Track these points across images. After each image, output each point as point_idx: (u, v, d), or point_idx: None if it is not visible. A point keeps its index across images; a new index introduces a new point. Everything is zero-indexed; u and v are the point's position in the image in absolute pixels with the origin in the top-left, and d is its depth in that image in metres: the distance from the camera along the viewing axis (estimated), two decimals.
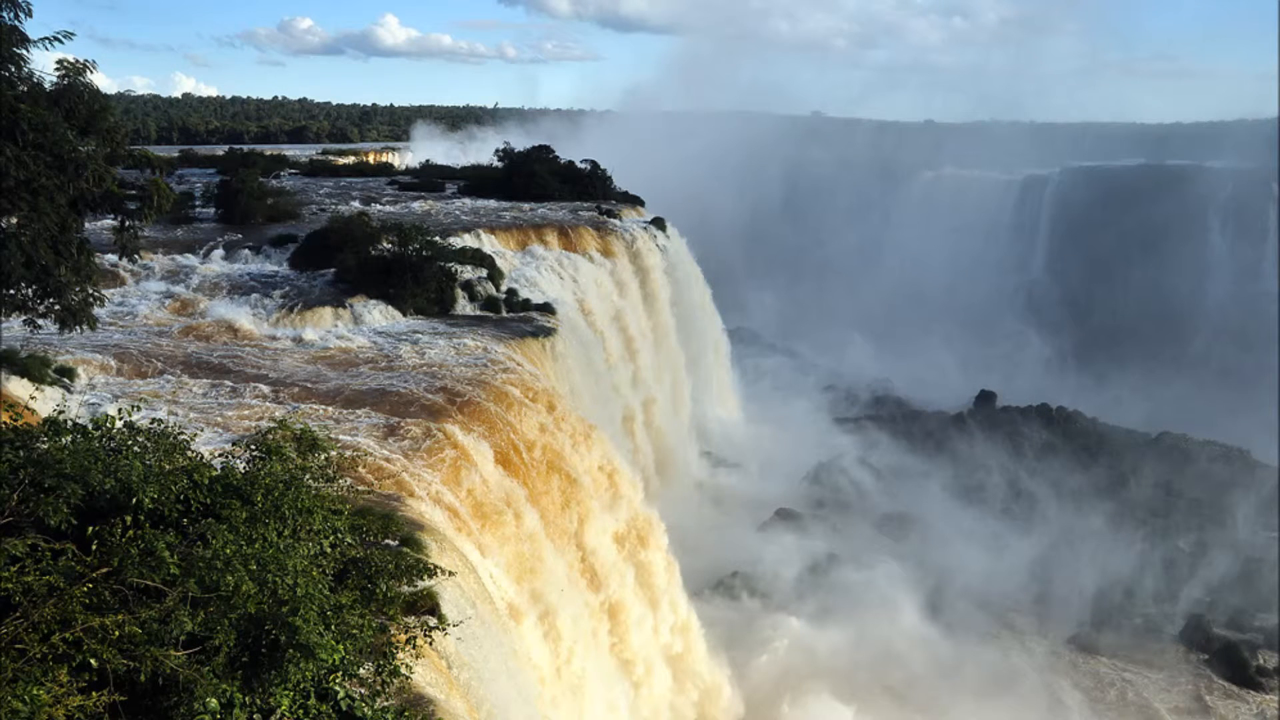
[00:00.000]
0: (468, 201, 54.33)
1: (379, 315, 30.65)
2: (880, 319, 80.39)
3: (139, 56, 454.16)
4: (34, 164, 12.11)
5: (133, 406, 10.70)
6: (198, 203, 45.68)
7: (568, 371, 31.83)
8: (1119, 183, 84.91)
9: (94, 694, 6.83)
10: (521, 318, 33.17)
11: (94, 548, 7.83)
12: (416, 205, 50.83)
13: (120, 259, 16.87)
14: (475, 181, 60.61)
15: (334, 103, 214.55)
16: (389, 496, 16.70)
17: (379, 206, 48.66)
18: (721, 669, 30.49)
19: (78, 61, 13.45)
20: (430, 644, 10.84)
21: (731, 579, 37.78)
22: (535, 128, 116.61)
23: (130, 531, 7.98)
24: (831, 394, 65.68)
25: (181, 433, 10.29)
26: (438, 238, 36.01)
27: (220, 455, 12.61)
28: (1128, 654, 37.50)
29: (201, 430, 18.47)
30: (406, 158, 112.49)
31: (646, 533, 27.34)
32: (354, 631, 8.71)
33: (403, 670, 9.45)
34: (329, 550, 9.89)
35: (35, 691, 6.40)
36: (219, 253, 36.34)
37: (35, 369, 19.70)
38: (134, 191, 14.41)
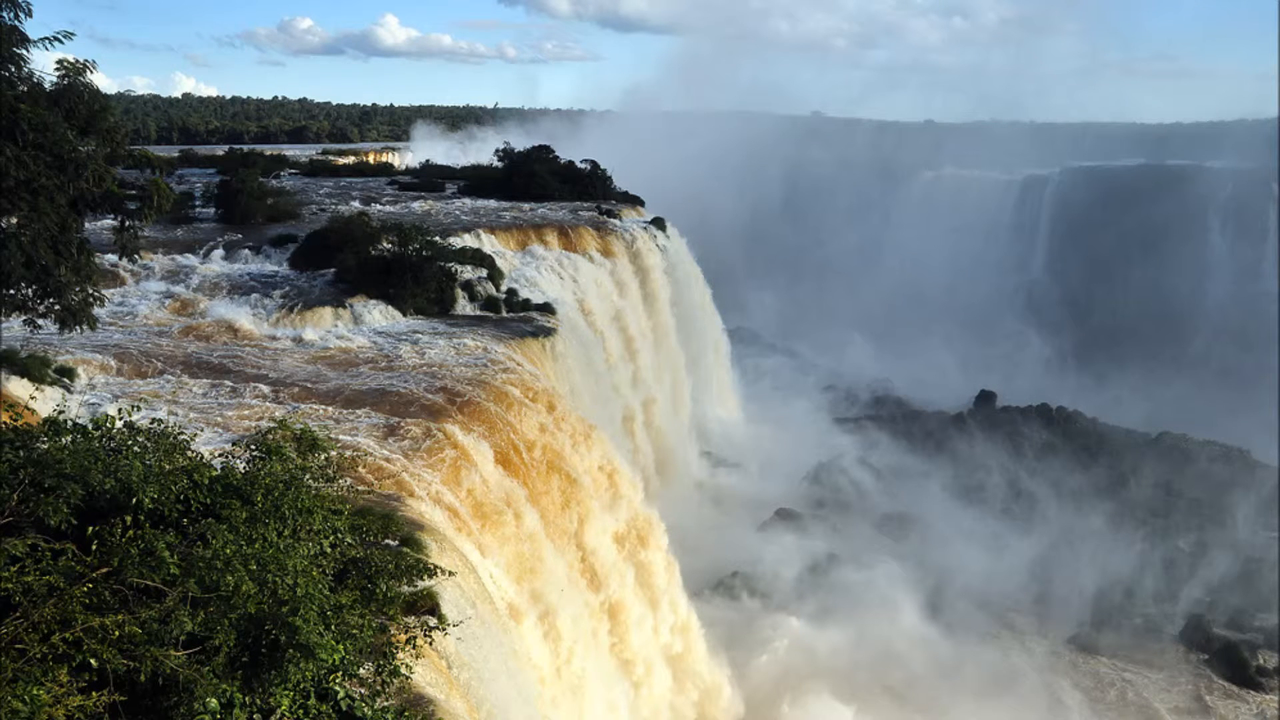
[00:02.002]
0: (468, 201, 54.33)
1: (379, 315, 30.65)
2: (880, 319, 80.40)
3: (139, 56, 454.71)
4: (34, 164, 12.10)
5: (133, 406, 10.70)
6: (198, 203, 45.68)
7: (568, 371, 31.84)
8: (1119, 183, 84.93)
9: (94, 694, 6.83)
10: (521, 318, 33.17)
11: (94, 548, 7.83)
12: (416, 205, 50.83)
13: (120, 259, 16.85)
14: (475, 181, 60.62)
15: (334, 103, 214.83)
16: (389, 496, 16.70)
17: (379, 206, 48.65)
18: (721, 669, 30.48)
19: (78, 61, 13.44)
20: (430, 644, 10.84)
21: (731, 579, 37.78)
22: (535, 128, 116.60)
23: (130, 531, 7.98)
24: (831, 394, 65.69)
25: (181, 433, 10.29)
26: (438, 238, 36.01)
27: (220, 455, 12.61)
28: (1128, 654, 37.50)
29: (201, 430, 18.48)
30: (406, 158, 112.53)
31: (646, 533, 27.34)
32: (354, 631, 8.72)
33: (403, 670, 9.45)
34: (329, 550, 9.89)
35: (35, 691, 6.40)
36: (219, 253, 36.34)
37: (35, 369, 19.71)
38: (134, 191, 14.40)
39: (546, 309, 34.43)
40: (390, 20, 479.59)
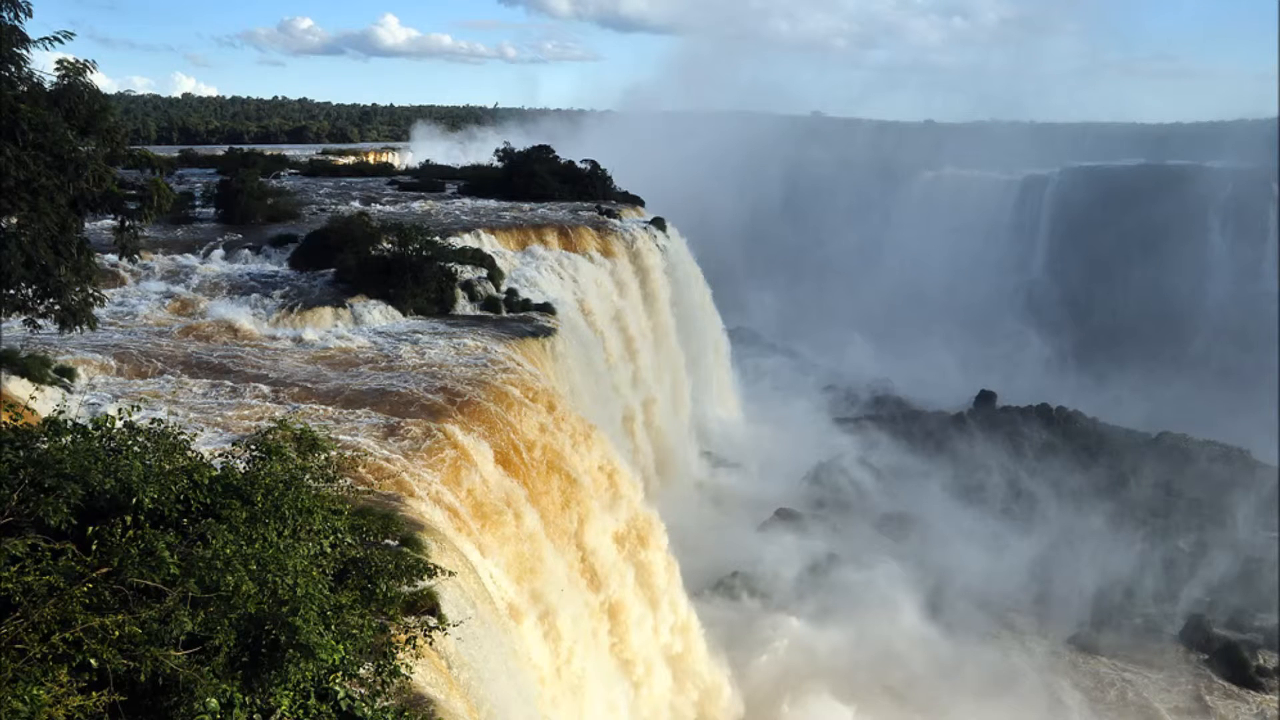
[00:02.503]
0: (468, 201, 54.33)
1: (379, 315, 30.65)
2: (880, 319, 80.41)
3: (139, 56, 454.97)
4: (34, 164, 12.10)
5: (133, 406, 10.69)
6: (198, 203, 45.67)
7: (568, 371, 31.83)
8: (1119, 183, 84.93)
9: (94, 694, 6.83)
10: (521, 318, 33.17)
11: (94, 548, 7.83)
12: (416, 205, 50.83)
13: (120, 259, 16.85)
14: (475, 181, 60.61)
15: (334, 103, 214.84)
16: (389, 496, 16.70)
17: (379, 206, 48.65)
18: (721, 669, 30.48)
19: (78, 61, 13.44)
20: (430, 644, 10.84)
21: (731, 579, 37.78)
22: (535, 128, 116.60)
23: (130, 531, 7.97)
24: (831, 394, 65.69)
25: (181, 433, 10.29)
26: (438, 238, 36.01)
27: (220, 455, 12.60)
28: (1128, 654, 37.50)
29: (201, 430, 18.47)
30: (406, 158, 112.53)
31: (646, 533, 27.34)
32: (354, 631, 8.71)
33: (403, 670, 9.45)
34: (329, 550, 9.89)
35: (35, 691, 6.40)
36: (219, 253, 36.34)
37: (35, 369, 19.70)
38: (134, 191, 14.40)
39: (546, 309, 34.42)
40: (390, 20, 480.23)
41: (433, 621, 11.21)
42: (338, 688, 8.04)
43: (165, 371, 23.52)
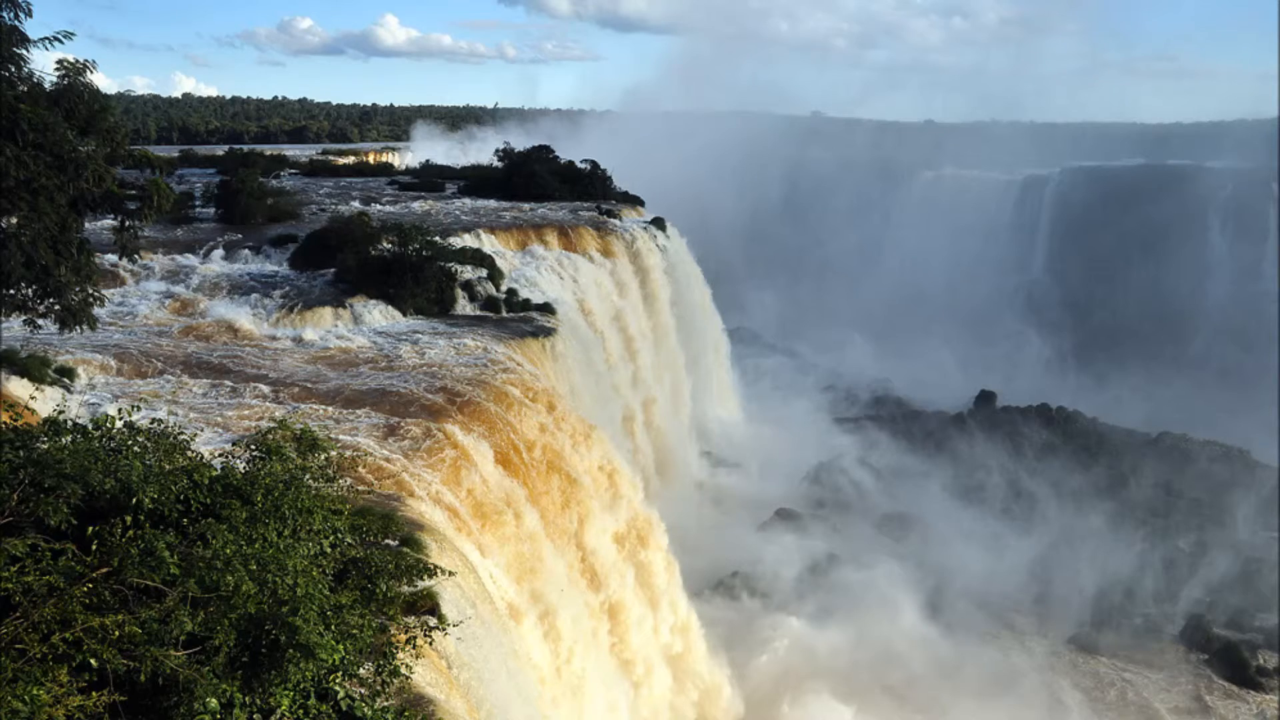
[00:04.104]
0: (468, 201, 54.33)
1: (379, 315, 30.65)
2: (880, 319, 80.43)
3: (139, 56, 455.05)
4: (34, 164, 12.11)
5: (133, 406, 10.69)
6: (198, 203, 45.67)
7: (568, 371, 31.83)
8: (1119, 183, 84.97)
9: (94, 694, 6.83)
10: (521, 318, 33.17)
11: (94, 548, 7.82)
12: (416, 205, 50.83)
13: (120, 259, 16.89)
14: (475, 181, 60.62)
15: (334, 103, 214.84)
16: (389, 496, 16.70)
17: (379, 206, 48.65)
18: (721, 669, 30.48)
19: (78, 61, 13.46)
20: (430, 644, 10.83)
21: (731, 579, 37.78)
22: (535, 128, 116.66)
23: (130, 531, 7.97)
24: (831, 394, 65.68)
25: (181, 433, 10.29)
26: (438, 238, 36.01)
27: (220, 455, 12.60)
28: (1128, 654, 37.50)
29: (201, 430, 18.47)
30: (406, 158, 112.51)
31: (646, 533, 27.34)
32: (354, 631, 8.71)
33: (403, 670, 9.44)
34: (329, 550, 9.89)
35: (35, 691, 6.40)
36: (219, 253, 36.33)
37: (35, 369, 19.69)
38: (134, 191, 14.41)
39: (546, 309, 34.43)
40: (390, 20, 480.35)
41: (433, 621, 11.20)
42: (338, 688, 8.04)
43: (165, 371, 23.52)
